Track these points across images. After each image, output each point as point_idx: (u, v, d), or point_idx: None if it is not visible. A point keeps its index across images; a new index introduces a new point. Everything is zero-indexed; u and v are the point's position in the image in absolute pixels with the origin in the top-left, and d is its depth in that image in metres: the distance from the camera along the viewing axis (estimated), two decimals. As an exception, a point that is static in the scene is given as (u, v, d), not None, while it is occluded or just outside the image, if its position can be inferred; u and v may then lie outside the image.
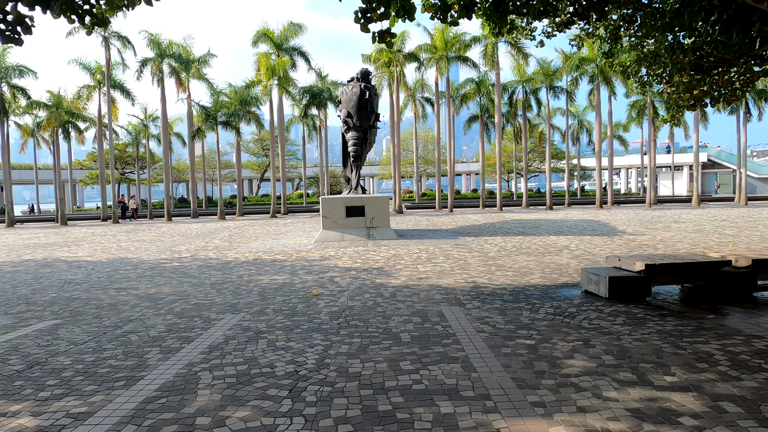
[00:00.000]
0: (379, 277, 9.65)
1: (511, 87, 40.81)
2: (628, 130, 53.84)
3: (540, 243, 14.53)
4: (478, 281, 8.97)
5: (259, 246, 15.72)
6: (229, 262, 12.28)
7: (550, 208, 35.49)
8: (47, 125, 35.30)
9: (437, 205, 38.63)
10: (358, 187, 17.43)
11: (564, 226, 20.14)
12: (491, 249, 13.41)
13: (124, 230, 25.76)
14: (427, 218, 27.93)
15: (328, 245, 15.01)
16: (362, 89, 17.20)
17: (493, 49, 33.99)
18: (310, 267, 11.11)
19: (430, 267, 10.63)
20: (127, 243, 18.57)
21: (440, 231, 19.28)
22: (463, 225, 22.23)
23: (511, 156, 56.14)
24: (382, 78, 37.26)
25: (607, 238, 15.40)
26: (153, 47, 33.85)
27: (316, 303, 7.61)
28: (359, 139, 17.29)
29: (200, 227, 26.23)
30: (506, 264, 10.83)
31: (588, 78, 37.73)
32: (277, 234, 20.18)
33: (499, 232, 18.42)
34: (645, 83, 14.32)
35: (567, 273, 9.62)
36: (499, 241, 15.19)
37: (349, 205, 16.19)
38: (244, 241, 17.67)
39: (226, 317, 6.93)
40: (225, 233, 21.60)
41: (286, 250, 14.30)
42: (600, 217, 25.86)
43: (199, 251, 14.96)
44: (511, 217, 27.37)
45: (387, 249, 13.85)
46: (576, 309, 6.84)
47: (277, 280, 9.66)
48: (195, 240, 18.88)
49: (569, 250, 12.79)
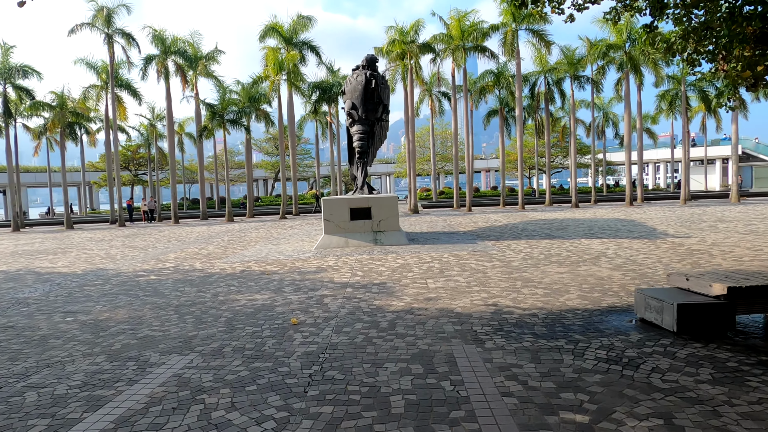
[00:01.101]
0: (379, 296, 7.92)
1: (532, 78, 38.63)
2: (656, 122, 51.08)
3: (571, 249, 12.62)
4: (500, 303, 7.19)
5: (253, 254, 14.14)
6: (212, 275, 10.69)
7: (576, 205, 33.30)
8: (52, 127, 34.40)
9: (455, 203, 36.73)
10: (365, 186, 15.70)
11: (595, 227, 18.13)
12: (515, 257, 11.57)
13: (123, 235, 24.52)
14: (444, 218, 26.10)
15: (330, 252, 13.34)
16: (368, 77, 15.47)
17: (513, 37, 31.91)
18: (300, 282, 9.44)
19: (442, 282, 8.87)
20: (118, 250, 17.20)
21: (457, 234, 17.46)
22: (483, 226, 20.36)
23: (532, 151, 53.81)
24: (395, 72, 35.48)
25: (648, 242, 13.40)
26: (157, 43, 32.63)
27: (292, 337, 5.93)
28: (365, 133, 15.57)
29: (203, 230, 24.86)
30: (534, 277, 9.00)
31: (615, 67, 35.40)
32: (279, 238, 18.60)
33: (523, 234, 16.54)
34: (693, 61, 12.26)
35: (611, 290, 7.76)
36: (523, 247, 13.33)
37: (353, 206, 14.49)
38: (241, 247, 16.13)
39: (169, 361, 5.29)
40: (225, 237, 20.12)
41: (280, 259, 12.67)
42: (633, 215, 23.70)
43: (186, 260, 13.44)
44: (535, 216, 25.36)
45: (395, 257, 12.12)
46: (637, 351, 5.02)
47: (257, 300, 8.01)
48: (190, 246, 17.42)
49: (607, 258, 10.88)
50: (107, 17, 31.88)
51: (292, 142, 36.10)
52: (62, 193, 38.32)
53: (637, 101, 35.85)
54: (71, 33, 31.74)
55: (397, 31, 32.51)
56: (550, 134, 39.77)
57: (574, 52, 34.40)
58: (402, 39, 32.19)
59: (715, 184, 59.50)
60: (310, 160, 64.01)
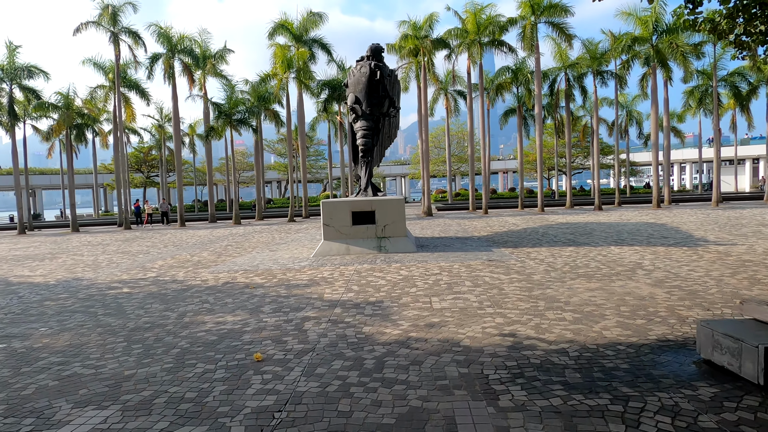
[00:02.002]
0: (371, 320, 6.56)
1: (552, 74, 36.88)
2: (683, 121, 48.76)
3: (600, 258, 11.10)
4: (519, 332, 5.77)
5: (245, 262, 12.89)
6: (189, 288, 9.44)
7: (599, 208, 31.48)
8: (58, 128, 33.77)
9: (471, 206, 35.18)
10: (369, 187, 14.33)
11: (624, 232, 16.50)
12: (536, 268, 10.10)
13: (123, 239, 23.56)
14: (459, 221, 24.63)
15: (328, 261, 12.02)
16: (372, 68, 14.12)
17: (532, 30, 30.30)
18: (284, 299, 8.13)
19: (449, 301, 7.46)
20: (108, 256, 16.13)
21: (471, 239, 15.99)
22: (499, 231, 18.86)
23: (551, 152, 51.92)
24: (408, 69, 34.10)
25: (689, 251, 11.79)
26: (163, 42, 31.77)
27: (249, 382, 4.60)
28: (369, 130, 14.21)
29: (206, 234, 23.77)
30: (560, 296, 7.54)
31: (640, 62, 33.52)
32: (279, 244, 17.36)
33: (544, 240, 15.01)
34: (742, 44, 10.67)
35: (657, 315, 6.28)
36: (545, 255, 11.83)
37: (355, 210, 13.15)
38: (236, 254, 14.92)
39: (78, 419, 4.00)
40: (224, 242, 18.96)
41: (272, 269, 11.39)
42: (663, 218, 21.94)
43: (171, 269, 12.24)
44: (555, 219, 23.73)
45: (398, 267, 10.74)
46: (715, 420, 3.56)
47: (225, 324, 6.71)
48: (184, 251, 16.27)
49: (645, 271, 9.35)
50: (113, 15, 31.13)
51: (301, 142, 34.95)
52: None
53: (664, 98, 33.92)
54: (77, 32, 31.05)
55: (410, 25, 31.13)
56: (570, 133, 37.93)
57: (597, 45, 32.61)
58: (415, 34, 30.79)
59: (744, 185, 56.84)
60: (323, 162, 62.91)
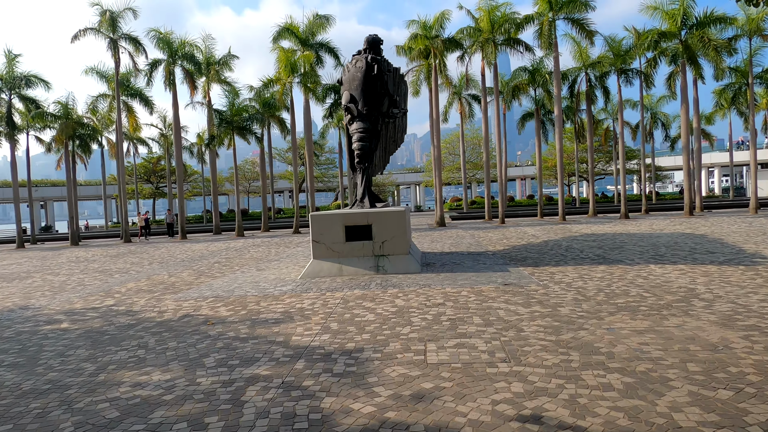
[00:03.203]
0: (337, 386, 4.76)
1: (571, 75, 34.85)
2: (712, 123, 46.18)
3: (641, 281, 9.14)
4: (547, 414, 3.91)
5: (222, 285, 11.20)
6: (136, 325, 7.76)
7: (626, 216, 29.23)
8: (58, 138, 32.80)
9: (487, 214, 33.19)
10: (365, 198, 12.55)
11: (660, 246, 14.45)
12: (562, 296, 8.21)
13: (113, 254, 22.16)
14: (473, 233, 22.71)
15: (314, 285, 10.26)
16: (368, 62, 12.41)
17: (550, 28, 28.37)
18: (241, 344, 6.38)
19: (449, 350, 5.63)
20: (82, 276, 14.63)
21: (484, 256, 14.10)
22: (517, 243, 16.92)
23: (571, 157, 49.66)
24: (419, 72, 32.37)
25: (748, 271, 9.76)
26: (163, 47, 30.61)
27: None
28: (366, 132, 12.46)
29: (201, 249, 22.26)
30: (599, 342, 5.66)
31: (666, 60, 31.32)
32: (271, 261, 15.68)
33: (569, 256, 13.06)
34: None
35: (745, 379, 4.37)
36: (571, 276, 9.91)
37: (349, 224, 11.39)
38: (219, 274, 13.28)
39: None
40: (214, 259, 17.37)
41: (247, 296, 9.67)
42: (700, 228, 19.75)
43: (136, 295, 10.62)
44: (579, 230, 21.67)
45: (395, 294, 8.94)
46: None
47: (144, 388, 4.97)
48: (165, 271, 14.69)
49: (703, 301, 7.40)
50: (111, 21, 30.10)
51: (308, 150, 33.42)
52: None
53: (694, 97, 31.60)
54: (75, 39, 30.07)
55: (420, 25, 29.45)
56: (592, 137, 35.74)
57: (620, 42, 30.53)
58: (425, 34, 29.09)
59: None
60: (336, 170, 61.48)
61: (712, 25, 28.20)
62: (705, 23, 28.06)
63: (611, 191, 70.58)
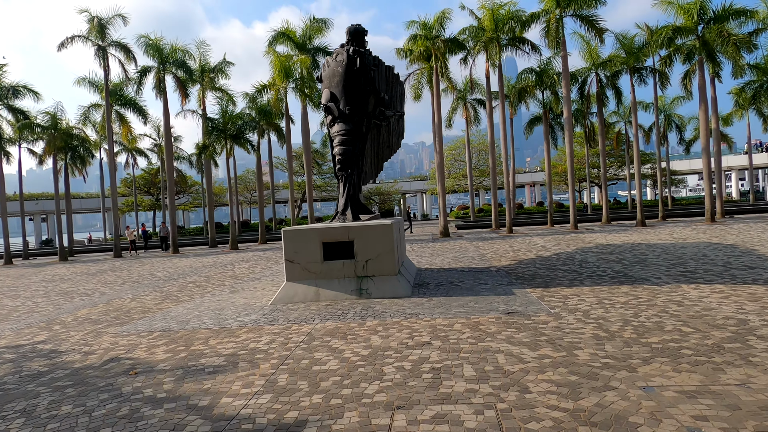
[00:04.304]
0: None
1: (581, 76, 33.16)
2: (730, 124, 44.15)
3: (675, 308, 7.47)
4: None
5: (180, 314, 9.67)
6: (52, 370, 6.23)
7: (642, 223, 27.39)
8: (48, 150, 31.69)
9: (494, 223, 31.49)
10: (348, 209, 10.97)
11: (687, 259, 12.72)
12: (579, 331, 6.56)
13: (93, 271, 20.78)
14: (478, 244, 21.05)
15: (283, 313, 8.70)
16: (350, 55, 10.90)
17: (557, 25, 26.80)
18: (152, 409, 4.82)
19: (424, 425, 4.02)
20: (40, 300, 13.20)
21: (487, 273, 12.46)
22: (525, 257, 15.25)
23: (582, 161, 47.82)
24: (421, 75, 30.90)
25: (804, 293, 8.04)
26: (153, 54, 29.43)
27: None
28: (348, 134, 10.91)
29: (186, 264, 20.82)
30: (635, 411, 4.03)
31: (681, 58, 29.58)
32: (250, 280, 14.16)
33: (584, 273, 11.38)
34: None
35: None
36: (589, 302, 8.26)
37: (327, 240, 9.82)
38: (187, 297, 11.77)
39: None
40: (192, 277, 15.89)
41: (201, 328, 8.13)
42: (727, 237, 17.94)
43: (77, 326, 9.12)
44: (593, 239, 19.92)
45: (373, 328, 7.35)
46: None
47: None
48: (130, 293, 13.22)
49: (762, 340, 5.72)
50: (100, 28, 29.02)
51: (306, 158, 32.04)
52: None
53: (711, 97, 29.81)
54: (61, 47, 29.02)
55: (420, 25, 28.01)
56: (604, 139, 33.96)
57: (632, 39, 28.86)
58: (425, 34, 27.63)
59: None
60: (339, 179, 59.99)
61: (730, 18, 26.50)
62: (723, 17, 26.37)
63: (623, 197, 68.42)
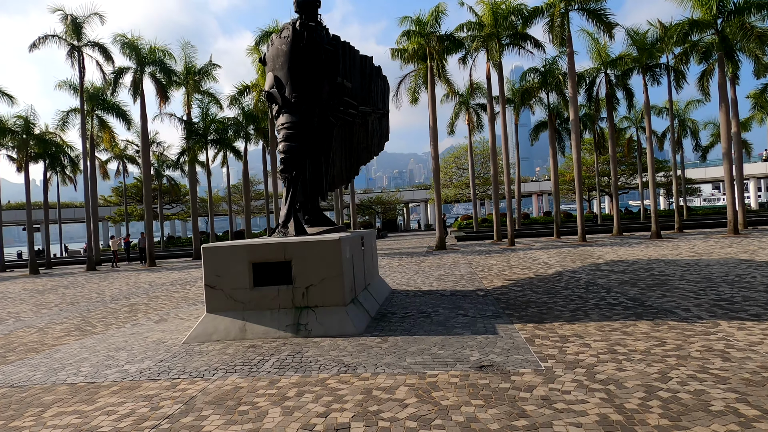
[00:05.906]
0: None
1: (588, 76, 30.93)
2: (749, 129, 41.51)
3: (719, 362, 5.19)
4: None
5: (67, 354, 7.53)
6: None
7: (657, 235, 24.95)
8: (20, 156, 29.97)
9: (495, 235, 29.20)
10: (289, 222, 8.80)
11: (718, 280, 10.40)
12: (578, 405, 4.32)
13: (50, 287, 18.77)
14: (473, 258, 18.79)
15: (181, 362, 6.53)
16: (296, 30, 8.83)
17: (563, 20, 24.68)
18: None
19: None
20: (-57, 326, 11.15)
21: (470, 298, 10.20)
22: (522, 277, 12.98)
23: (591, 169, 45.39)
24: (417, 77, 28.85)
25: None
26: (130, 54, 27.67)
27: None
28: (294, 128, 8.77)
29: (147, 281, 18.76)
30: None
31: (696, 57, 27.30)
32: (197, 303, 12.02)
33: (590, 300, 9.10)
34: None
35: None
36: (595, 349, 5.99)
37: (258, 260, 7.66)
38: (106, 326, 9.66)
39: None
40: (136, 298, 13.79)
41: (67, 382, 5.97)
42: (758, 253, 15.53)
43: (-74, 372, 7.02)
44: (603, 254, 17.59)
45: (282, 394, 5.15)
46: None
47: None
48: (53, 318, 11.14)
49: None
50: (75, 28, 27.35)
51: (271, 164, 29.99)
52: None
53: (731, 98, 27.41)
54: (33, 48, 27.35)
55: (414, 21, 25.94)
56: (615, 145, 31.63)
57: (645, 35, 26.64)
58: (419, 30, 25.56)
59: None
60: (341, 188, 58.00)
61: (753, 11, 24.21)
62: (744, 9, 24.08)
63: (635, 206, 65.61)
